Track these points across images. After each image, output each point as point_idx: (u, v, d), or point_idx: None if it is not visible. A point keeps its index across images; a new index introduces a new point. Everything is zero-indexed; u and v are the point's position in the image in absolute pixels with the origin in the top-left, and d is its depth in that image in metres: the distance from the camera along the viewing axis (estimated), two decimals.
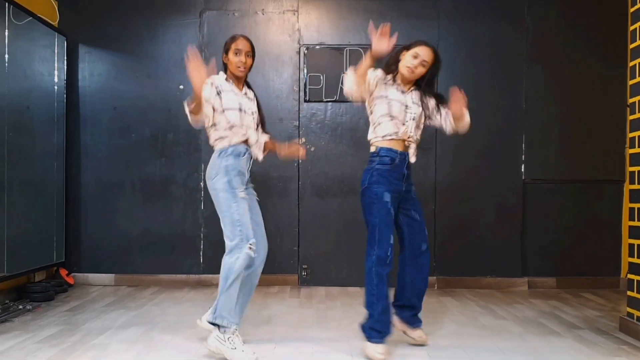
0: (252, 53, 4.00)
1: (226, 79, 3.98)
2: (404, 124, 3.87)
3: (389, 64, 3.96)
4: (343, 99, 6.16)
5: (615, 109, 6.29)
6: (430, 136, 6.17)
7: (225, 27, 6.26)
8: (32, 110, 5.58)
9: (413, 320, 4.08)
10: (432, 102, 4.03)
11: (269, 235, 4.23)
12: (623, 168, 6.25)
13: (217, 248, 6.15)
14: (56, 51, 5.99)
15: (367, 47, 6.09)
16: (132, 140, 6.31)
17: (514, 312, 5.19)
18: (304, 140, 6.26)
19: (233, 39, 3.99)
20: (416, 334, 4.08)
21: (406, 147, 3.90)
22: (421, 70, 3.86)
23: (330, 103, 6.28)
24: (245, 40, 3.98)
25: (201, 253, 6.28)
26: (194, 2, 6.31)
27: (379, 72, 3.92)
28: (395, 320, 4.04)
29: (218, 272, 6.19)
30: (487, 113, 6.22)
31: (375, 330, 3.79)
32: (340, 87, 6.17)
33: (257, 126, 4.05)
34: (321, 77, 6.25)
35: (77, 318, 4.83)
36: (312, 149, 6.25)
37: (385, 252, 3.75)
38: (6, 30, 5.08)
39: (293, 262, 6.29)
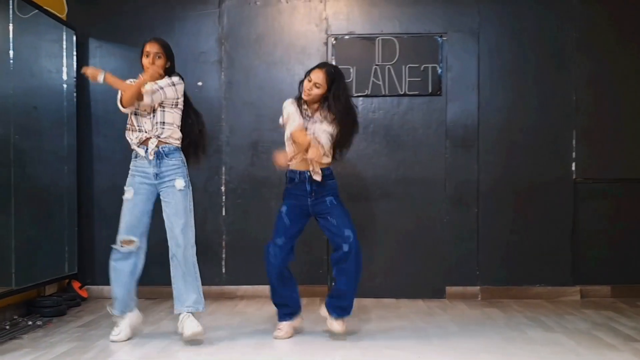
0: (164, 54, 4.59)
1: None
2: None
3: (298, 95, 4.71)
4: (375, 94, 6.18)
5: None
6: (472, 133, 6.14)
7: (247, 17, 6.26)
8: (40, 110, 5.60)
9: (333, 310, 4.63)
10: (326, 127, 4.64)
11: (297, 244, 4.29)
12: None
13: (240, 257, 6.17)
14: (65, 46, 5.98)
15: (401, 36, 6.14)
16: None
17: (565, 324, 5.13)
18: None
19: (144, 42, 4.62)
20: (332, 323, 4.63)
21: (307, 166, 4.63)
22: (316, 92, 4.55)
23: (361, 98, 6.23)
24: (154, 42, 4.59)
25: (223, 262, 6.26)
26: None
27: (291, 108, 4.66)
28: (323, 307, 4.73)
29: (242, 282, 6.30)
30: (533, 107, 6.19)
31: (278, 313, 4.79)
32: (372, 81, 6.18)
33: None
34: (351, 70, 6.19)
35: (91, 334, 4.82)
36: None
37: (267, 249, 4.70)
38: (10, 24, 5.08)
39: (322, 271, 6.25)
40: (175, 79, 4.61)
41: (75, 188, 6.15)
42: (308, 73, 4.63)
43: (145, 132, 4.56)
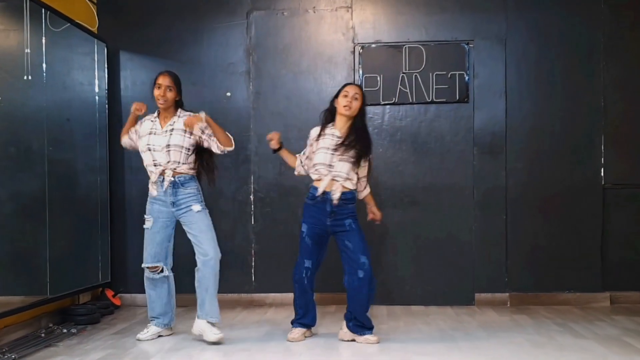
0: (174, 87, 4.90)
1: (156, 116, 4.98)
2: (330, 166, 4.79)
3: (326, 115, 4.98)
4: (402, 101, 6.24)
5: None
6: (500, 139, 6.18)
7: (274, 28, 6.36)
8: (73, 122, 5.72)
9: (357, 330, 4.81)
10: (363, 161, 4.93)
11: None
12: None
13: (269, 265, 6.23)
14: (96, 59, 6.12)
15: (427, 43, 6.19)
16: None
17: (595, 330, 5.13)
18: None
19: (156, 75, 4.95)
20: (362, 338, 4.79)
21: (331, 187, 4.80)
22: (357, 104, 4.80)
23: (388, 106, 6.29)
24: (166, 75, 4.90)
25: (252, 271, 6.35)
26: (240, 2, 6.39)
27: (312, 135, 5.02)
28: (345, 329, 4.89)
29: (272, 290, 6.36)
30: (562, 112, 6.21)
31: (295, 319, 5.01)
32: (400, 89, 6.23)
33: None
34: (378, 78, 6.27)
35: (124, 341, 4.91)
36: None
37: (299, 272, 4.90)
38: (43, 38, 5.20)
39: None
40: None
41: (108, 198, 6.28)
42: (339, 91, 4.87)
43: (161, 165, 4.82)
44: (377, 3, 6.35)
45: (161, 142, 4.81)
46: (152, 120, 4.95)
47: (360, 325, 4.79)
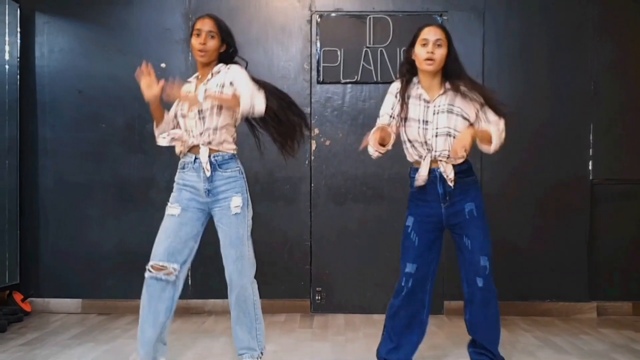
0: (218, 33, 4.21)
1: (197, 76, 4.34)
2: (426, 143, 4.15)
3: (403, 72, 4.27)
4: (366, 80, 6.22)
5: None
6: None
7: None
8: None
9: None
10: (471, 109, 4.17)
11: (274, 250, 4.20)
12: None
13: (208, 267, 6.09)
14: (7, 21, 5.98)
15: (395, 14, 6.11)
16: (102, 132, 6.28)
17: (580, 345, 5.17)
18: (317, 131, 6.21)
19: (196, 18, 4.29)
20: None
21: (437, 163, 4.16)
22: (441, 53, 4.05)
23: (349, 85, 6.25)
24: (208, 18, 4.25)
25: (189, 273, 6.16)
26: None
27: (391, 101, 4.33)
28: None
29: (210, 296, 6.21)
30: (545, 98, 6.24)
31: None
32: (363, 65, 6.19)
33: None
34: (338, 53, 6.22)
35: (35, 354, 4.82)
36: (328, 142, 6.24)
37: (400, 282, 4.21)
38: None
39: (304, 284, 6.26)
40: (238, 68, 4.27)
41: (17, 186, 6.15)
42: (414, 38, 4.14)
43: (193, 137, 4.18)
44: None
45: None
46: (189, 81, 4.33)
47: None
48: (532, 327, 5.78)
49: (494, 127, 4.08)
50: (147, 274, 4.17)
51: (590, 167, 6.24)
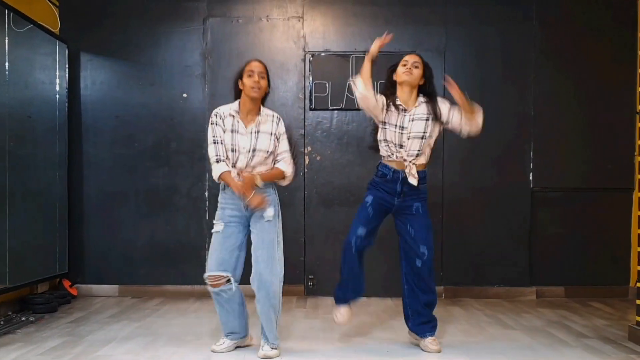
0: (266, 75, 4.18)
1: (237, 110, 4.17)
2: (401, 146, 4.27)
3: (385, 90, 4.42)
4: (349, 107, 6.23)
5: (625, 115, 6.28)
6: (438, 143, 6.13)
7: (229, 34, 6.30)
8: (34, 119, 5.60)
9: (419, 330, 4.41)
10: (444, 107, 4.40)
11: None
12: (632, 176, 6.27)
13: None
14: (57, 59, 6.00)
15: None
16: (135, 149, 6.31)
17: (522, 322, 5.23)
18: (309, 149, 6.28)
19: (246, 62, 4.19)
20: (423, 343, 4.37)
21: (403, 166, 4.28)
22: (418, 71, 4.30)
23: (336, 111, 6.30)
24: (258, 62, 4.18)
25: (206, 264, 6.24)
26: (197, 8, 6.32)
27: (383, 99, 4.36)
28: (409, 332, 4.51)
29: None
30: (495, 120, 6.12)
31: (338, 295, 4.49)
32: (347, 95, 6.22)
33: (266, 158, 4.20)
34: (327, 85, 6.26)
35: (80, 329, 4.85)
36: (318, 158, 6.29)
37: (349, 239, 4.33)
38: (6, 38, 5.08)
39: (299, 272, 6.30)
40: (283, 126, 4.34)
41: (66, 193, 6.15)
42: (397, 63, 4.38)
43: (239, 169, 4.14)
44: (326, 14, 6.35)
45: (245, 144, 4.12)
46: (232, 115, 4.16)
47: (421, 323, 4.41)
48: (484, 307, 5.83)
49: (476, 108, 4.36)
50: (208, 288, 4.18)
51: (531, 177, 6.31)
